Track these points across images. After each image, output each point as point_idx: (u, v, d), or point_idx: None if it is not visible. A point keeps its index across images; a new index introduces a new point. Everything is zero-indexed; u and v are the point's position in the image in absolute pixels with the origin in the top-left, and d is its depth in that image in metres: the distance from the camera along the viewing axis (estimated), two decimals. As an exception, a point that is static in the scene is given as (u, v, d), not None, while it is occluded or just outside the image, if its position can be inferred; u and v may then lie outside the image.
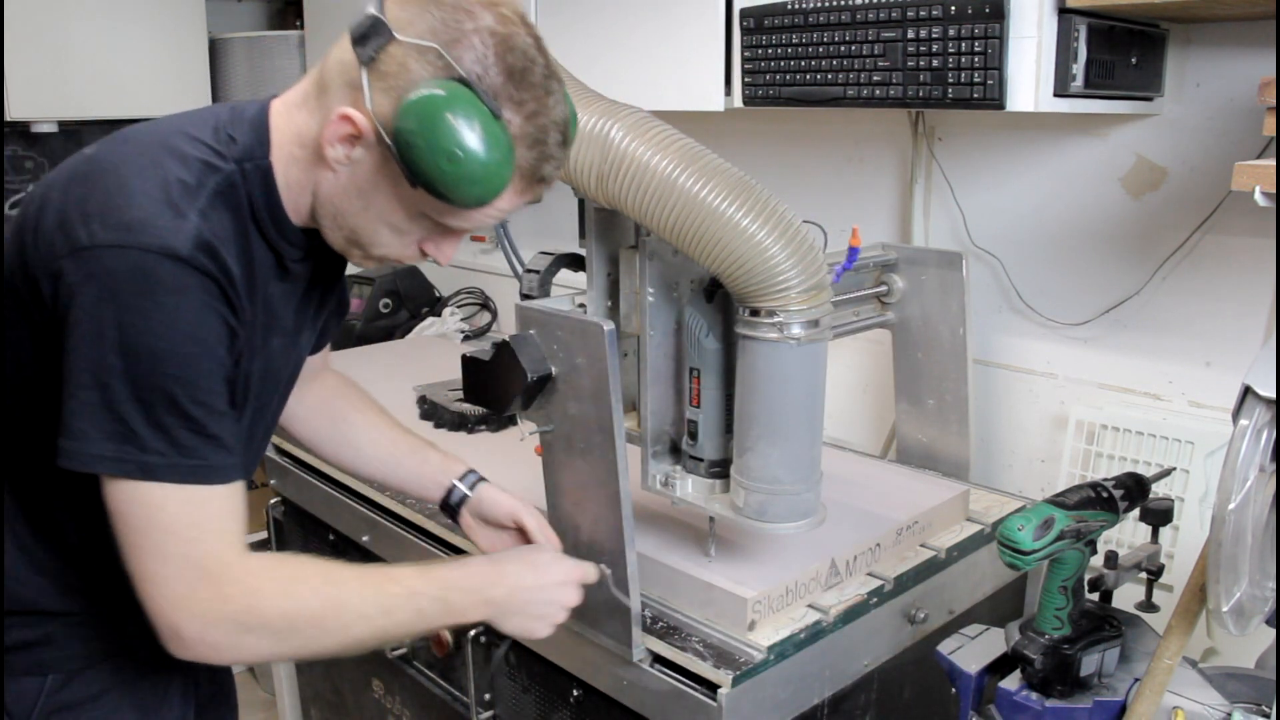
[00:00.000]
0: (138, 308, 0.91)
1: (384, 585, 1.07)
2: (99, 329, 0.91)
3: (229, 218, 1.00)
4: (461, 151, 0.93)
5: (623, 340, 1.36)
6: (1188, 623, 1.05)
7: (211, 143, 1.02)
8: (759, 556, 1.39)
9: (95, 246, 0.92)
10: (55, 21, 2.56)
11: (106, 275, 0.91)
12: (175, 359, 0.93)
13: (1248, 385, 0.94)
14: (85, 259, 0.92)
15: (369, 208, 1.02)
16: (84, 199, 0.95)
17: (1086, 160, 1.70)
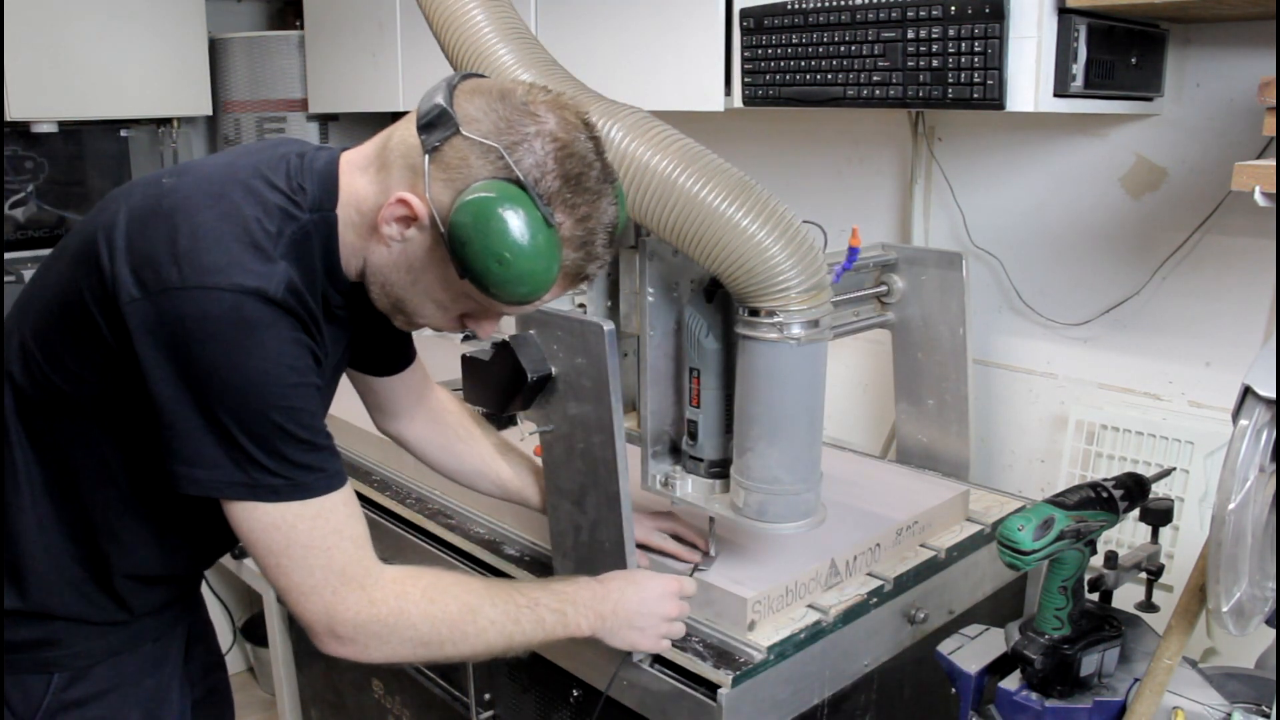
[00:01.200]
0: (237, 345, 0.95)
1: (512, 595, 1.13)
2: (198, 368, 0.95)
3: (303, 264, 1.03)
4: (511, 255, 0.96)
5: (623, 340, 1.36)
6: (1188, 623, 1.05)
7: (286, 190, 1.04)
8: (759, 556, 1.39)
9: (186, 289, 0.94)
10: (55, 21, 2.56)
11: (202, 316, 0.94)
12: (279, 391, 0.97)
13: (1248, 385, 0.94)
14: (177, 299, 0.94)
15: (417, 284, 1.05)
16: (168, 238, 0.96)
17: (1086, 160, 1.70)
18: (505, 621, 1.11)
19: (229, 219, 0.98)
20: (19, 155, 2.86)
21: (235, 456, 0.97)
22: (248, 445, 0.97)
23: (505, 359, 1.26)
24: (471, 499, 1.67)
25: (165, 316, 0.94)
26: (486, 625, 1.09)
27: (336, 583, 1.02)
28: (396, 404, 1.43)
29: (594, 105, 1.20)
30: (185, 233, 0.96)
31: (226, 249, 0.96)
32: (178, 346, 0.94)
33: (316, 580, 1.02)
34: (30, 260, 2.80)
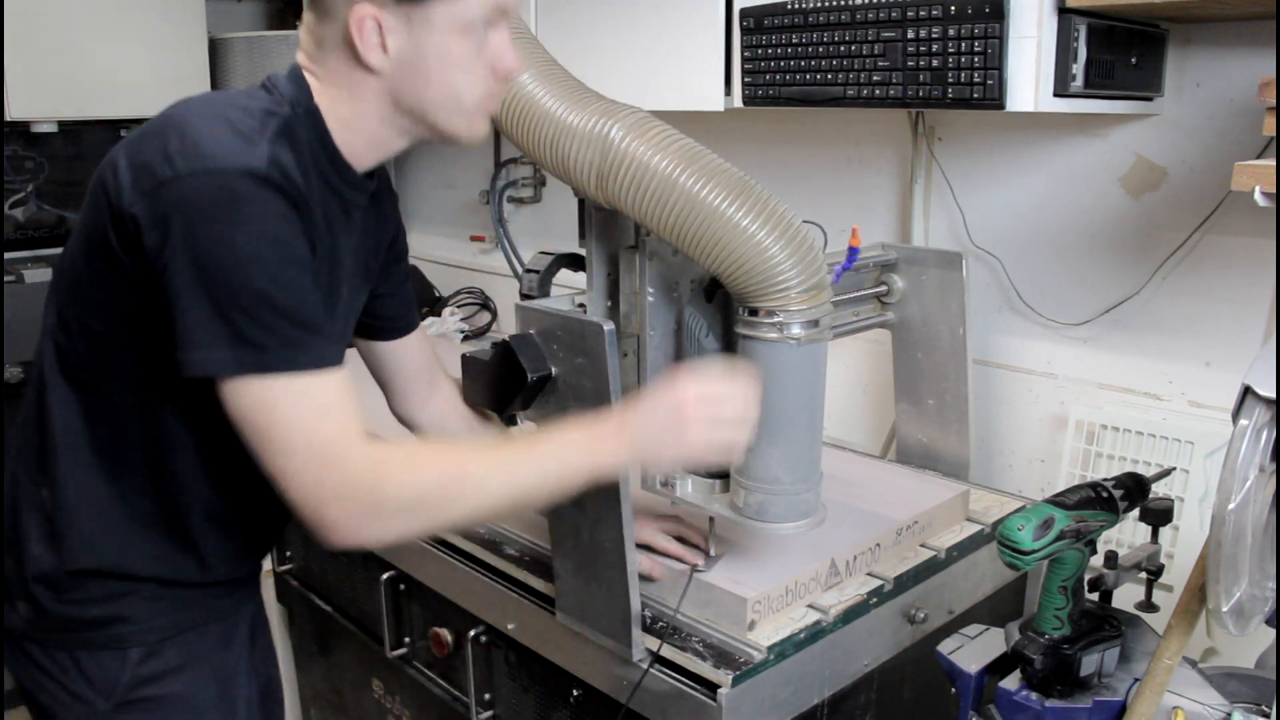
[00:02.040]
0: (227, 222, 0.97)
1: (508, 444, 1.12)
2: (195, 249, 0.97)
3: (291, 154, 1.05)
4: None
5: (623, 340, 1.36)
6: (1188, 623, 1.05)
7: (264, 98, 1.09)
8: (759, 556, 1.39)
9: (179, 178, 0.98)
10: (55, 21, 2.55)
11: (195, 199, 0.97)
12: (267, 264, 0.98)
13: (1248, 385, 0.94)
14: (172, 189, 0.98)
15: (429, 73, 1.07)
16: (160, 145, 1.01)
17: (1086, 160, 1.70)
18: (501, 470, 1.06)
19: (215, 120, 1.02)
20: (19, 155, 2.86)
21: (226, 333, 0.98)
22: (237, 318, 0.98)
23: (505, 359, 1.26)
24: (471, 499, 1.67)
25: (162, 208, 0.98)
26: (481, 478, 1.05)
27: (316, 465, 1.00)
28: (409, 382, 1.44)
29: (594, 105, 1.20)
30: (174, 137, 1.00)
31: (214, 139, 1.00)
32: (175, 233, 0.97)
33: (298, 463, 1.00)
34: (30, 260, 2.80)
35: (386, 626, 1.76)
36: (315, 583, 2.05)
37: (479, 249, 2.92)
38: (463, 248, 2.95)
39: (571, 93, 1.23)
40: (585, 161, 1.19)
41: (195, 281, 0.98)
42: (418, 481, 1.04)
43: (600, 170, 1.18)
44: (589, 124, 1.18)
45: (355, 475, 1.01)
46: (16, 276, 2.67)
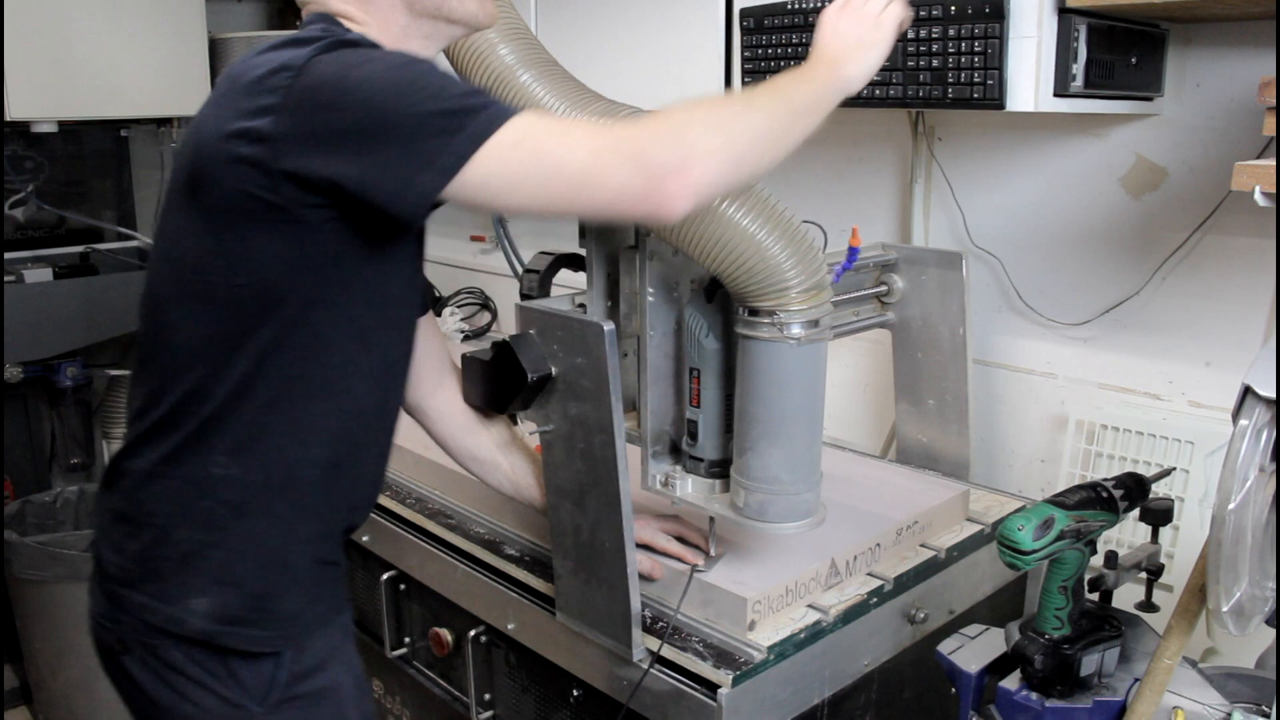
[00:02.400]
0: (367, 60, 0.99)
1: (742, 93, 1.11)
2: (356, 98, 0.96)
3: None
4: None
5: (623, 340, 1.36)
6: (1188, 623, 1.05)
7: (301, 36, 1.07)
8: (759, 556, 1.39)
9: (301, 68, 0.98)
10: (55, 21, 2.55)
11: (326, 63, 0.98)
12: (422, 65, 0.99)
13: (1248, 385, 0.94)
14: (299, 79, 0.97)
15: None
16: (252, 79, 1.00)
17: (1086, 160, 1.70)
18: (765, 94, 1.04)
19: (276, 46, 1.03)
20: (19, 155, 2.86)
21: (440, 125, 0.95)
22: (441, 106, 0.96)
23: (505, 359, 1.26)
24: (471, 499, 1.67)
25: (296, 96, 0.97)
26: (748, 97, 1.05)
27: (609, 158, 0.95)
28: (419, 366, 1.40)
29: (594, 105, 1.20)
30: (254, 70, 1.00)
31: (294, 49, 1.00)
32: (322, 104, 0.97)
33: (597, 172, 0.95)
34: (30, 260, 2.80)
35: (386, 626, 1.76)
36: (315, 583, 2.04)
37: (479, 249, 2.92)
38: (463, 248, 2.95)
39: (571, 93, 1.23)
40: (585, 161, 1.19)
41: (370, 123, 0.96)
42: (694, 115, 0.99)
43: (600, 170, 1.18)
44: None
45: (648, 138, 0.96)
46: (16, 276, 2.67)
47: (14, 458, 2.83)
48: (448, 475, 1.70)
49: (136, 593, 1.13)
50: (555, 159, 0.96)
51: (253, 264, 1.04)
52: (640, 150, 0.94)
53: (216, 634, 1.11)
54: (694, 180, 0.94)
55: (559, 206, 0.98)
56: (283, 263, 1.04)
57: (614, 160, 0.94)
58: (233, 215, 1.02)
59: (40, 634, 2.60)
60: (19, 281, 2.66)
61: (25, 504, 2.72)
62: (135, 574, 1.13)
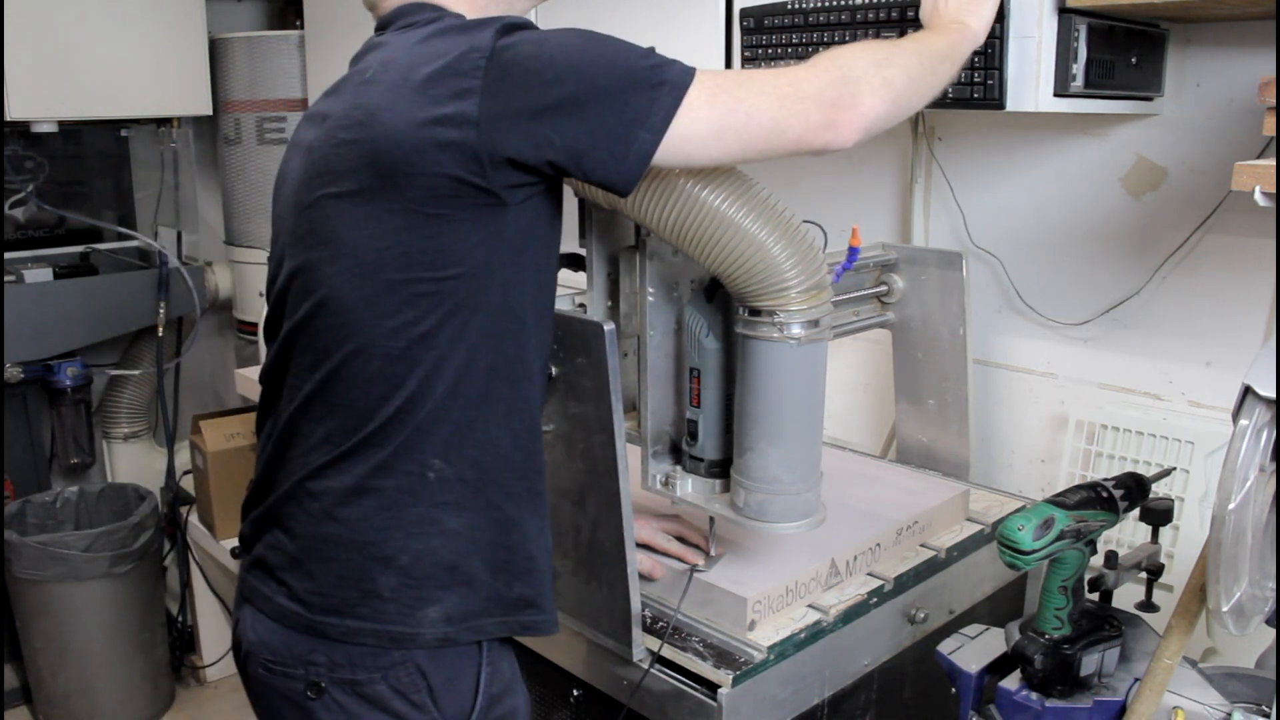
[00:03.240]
0: (551, 35, 1.01)
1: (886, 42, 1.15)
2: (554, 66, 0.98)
3: None
4: None
5: (623, 340, 1.36)
6: (1188, 623, 1.05)
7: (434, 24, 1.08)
8: (759, 556, 1.39)
9: (494, 49, 0.99)
10: (55, 21, 2.56)
11: (516, 42, 0.99)
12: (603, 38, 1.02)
13: (1248, 385, 0.94)
14: (495, 60, 0.98)
15: None
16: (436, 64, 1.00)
17: (1086, 160, 1.70)
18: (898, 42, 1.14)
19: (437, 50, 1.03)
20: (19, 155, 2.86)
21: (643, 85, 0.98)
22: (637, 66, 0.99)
23: (505, 359, 1.26)
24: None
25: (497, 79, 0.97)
26: (895, 46, 1.12)
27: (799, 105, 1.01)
28: None
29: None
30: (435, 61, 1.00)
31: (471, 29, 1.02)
32: (527, 80, 0.98)
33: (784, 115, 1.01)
34: (30, 260, 2.80)
35: (386, 626, 1.76)
36: (315, 583, 2.04)
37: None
38: (463, 248, 2.95)
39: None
40: (586, 161, 1.19)
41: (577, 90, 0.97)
42: (856, 58, 1.06)
43: (601, 170, 1.18)
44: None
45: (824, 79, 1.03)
46: (16, 276, 2.67)
47: (14, 458, 2.83)
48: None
49: (350, 619, 1.07)
50: (748, 107, 1.00)
51: (461, 253, 1.02)
52: (819, 91, 1.02)
53: (453, 635, 1.08)
54: (864, 112, 1.04)
55: (753, 153, 1.03)
56: (488, 248, 1.03)
57: (798, 104, 1.01)
58: (438, 205, 1.00)
59: (40, 634, 2.60)
60: (19, 281, 2.67)
61: (25, 504, 2.72)
62: (342, 599, 1.07)
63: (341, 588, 1.08)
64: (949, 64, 1.17)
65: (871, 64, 1.06)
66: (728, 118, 1.00)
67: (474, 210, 1.01)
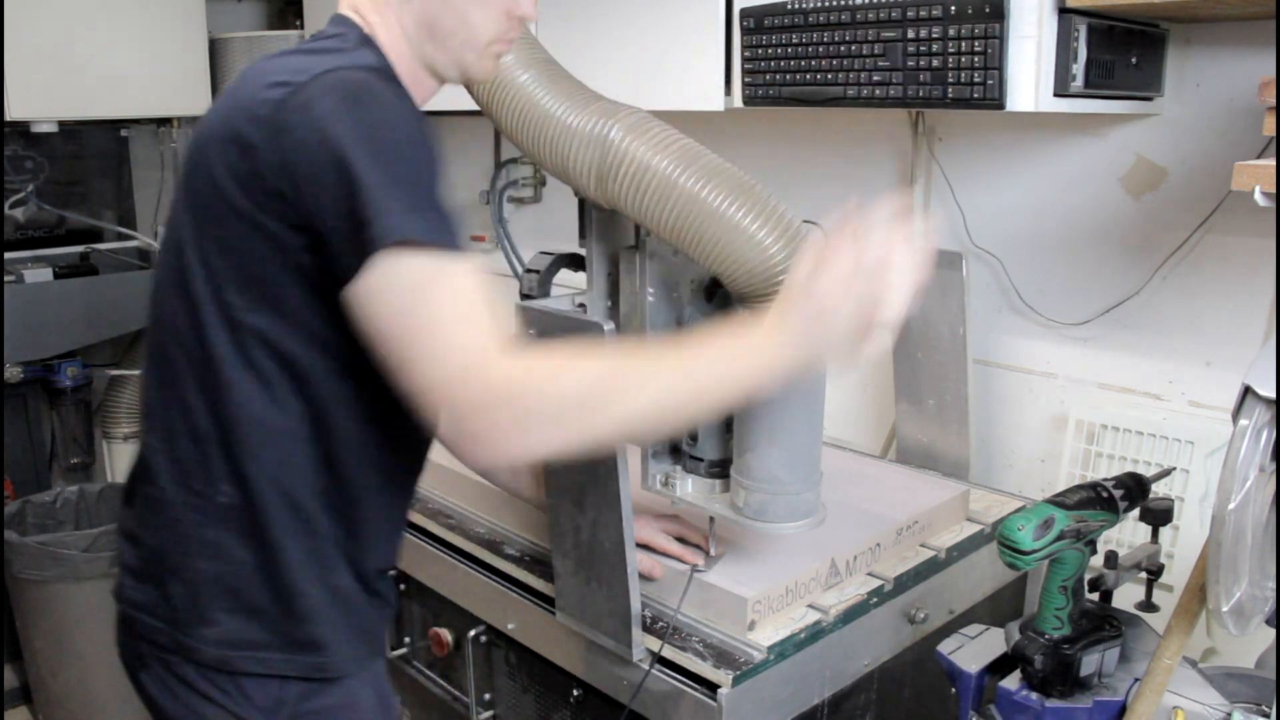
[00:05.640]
0: (372, 104, 0.95)
1: (668, 347, 0.98)
2: (344, 135, 0.93)
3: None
4: None
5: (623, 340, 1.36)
6: (1188, 623, 1.05)
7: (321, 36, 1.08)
8: (759, 556, 1.39)
9: (304, 83, 0.95)
10: (55, 21, 2.55)
11: (330, 90, 0.95)
12: (417, 146, 0.96)
13: (1248, 385, 0.94)
14: (299, 95, 0.95)
15: (451, 5, 1.07)
16: (258, 83, 0.99)
17: (1086, 160, 1.70)
18: (657, 379, 0.95)
19: (295, 52, 1.03)
20: (19, 155, 2.86)
21: (397, 204, 0.92)
22: (405, 193, 0.93)
23: (505, 359, 1.26)
24: (471, 499, 1.67)
25: (292, 117, 0.94)
26: (633, 387, 0.94)
27: (459, 371, 0.92)
28: None
29: (593, 105, 1.20)
30: (267, 73, 0.99)
31: (311, 59, 0.99)
32: (318, 129, 0.93)
33: (438, 370, 0.92)
34: (30, 260, 2.80)
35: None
36: (315, 583, 2.05)
37: (479, 249, 2.92)
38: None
39: (571, 93, 1.23)
40: (585, 162, 1.19)
41: (348, 170, 0.92)
42: (563, 390, 0.93)
43: (600, 171, 1.18)
44: (589, 124, 1.18)
45: (498, 383, 0.92)
46: (16, 276, 2.67)
47: (14, 458, 2.83)
48: (448, 475, 1.70)
49: (149, 616, 1.11)
50: (424, 331, 0.93)
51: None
52: (475, 406, 0.92)
53: (229, 659, 1.08)
54: (504, 456, 0.94)
55: (403, 367, 0.94)
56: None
57: (455, 386, 0.92)
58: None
59: (40, 634, 2.60)
60: (19, 281, 2.66)
61: (25, 504, 2.72)
62: (146, 597, 1.11)
63: (146, 584, 1.12)
64: (731, 393, 0.97)
65: (576, 400, 0.93)
66: (404, 300, 0.93)
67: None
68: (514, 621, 1.48)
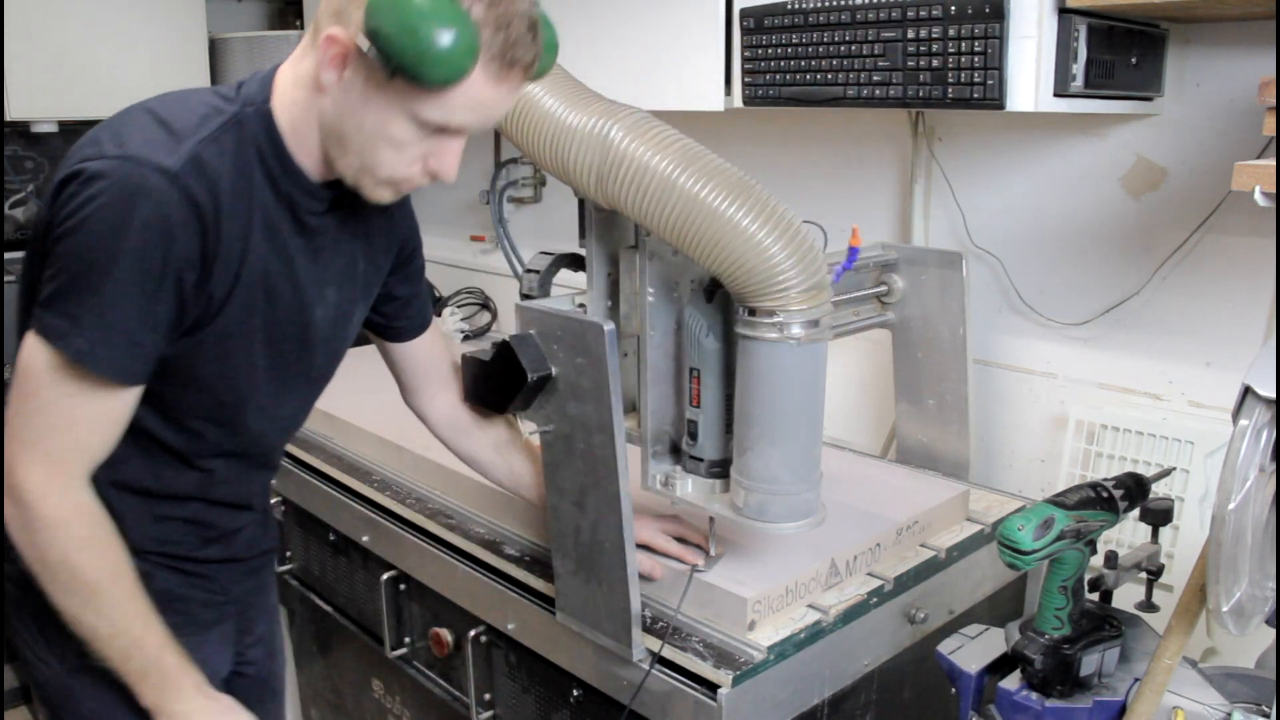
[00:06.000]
0: (112, 216, 1.00)
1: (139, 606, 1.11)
2: (76, 231, 1.00)
3: (231, 155, 1.07)
4: (423, 25, 0.96)
5: (623, 340, 1.36)
6: (1188, 623, 1.05)
7: (222, 92, 1.13)
8: (759, 556, 1.39)
9: (99, 157, 1.01)
10: (55, 21, 2.55)
11: (98, 190, 1.00)
12: (119, 256, 1.00)
13: (1248, 385, 0.94)
14: (83, 176, 1.01)
15: (364, 125, 1.06)
16: (97, 134, 1.06)
17: (1086, 160, 1.70)
18: (108, 614, 1.09)
19: (152, 116, 1.07)
20: (19, 155, 2.86)
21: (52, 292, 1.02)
22: (65, 284, 1.01)
23: (505, 359, 1.26)
24: (472, 499, 1.67)
25: (72, 187, 1.01)
26: (92, 603, 1.08)
27: (40, 456, 1.04)
28: (418, 379, 1.45)
29: (593, 105, 1.20)
30: (112, 125, 1.06)
31: (143, 132, 1.04)
32: (67, 206, 1.01)
33: (28, 440, 1.04)
34: (30, 260, 2.80)
35: (386, 626, 1.76)
36: (315, 583, 2.05)
37: (479, 249, 2.92)
38: (463, 248, 2.95)
39: (572, 93, 1.23)
40: (585, 162, 1.19)
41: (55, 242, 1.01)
42: (54, 556, 1.06)
43: (600, 171, 1.18)
44: (589, 124, 1.18)
45: (53, 503, 1.05)
46: (16, 276, 2.67)
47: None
48: (448, 475, 1.70)
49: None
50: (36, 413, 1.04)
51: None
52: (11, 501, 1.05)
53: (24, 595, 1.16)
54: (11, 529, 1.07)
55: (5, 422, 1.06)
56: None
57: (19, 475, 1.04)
58: None
59: (40, 634, 2.59)
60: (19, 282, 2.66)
61: (25, 504, 2.71)
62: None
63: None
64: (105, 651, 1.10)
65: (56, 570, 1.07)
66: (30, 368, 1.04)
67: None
68: (514, 621, 1.48)
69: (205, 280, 1.07)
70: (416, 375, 1.45)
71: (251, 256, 1.11)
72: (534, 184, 2.72)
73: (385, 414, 1.49)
